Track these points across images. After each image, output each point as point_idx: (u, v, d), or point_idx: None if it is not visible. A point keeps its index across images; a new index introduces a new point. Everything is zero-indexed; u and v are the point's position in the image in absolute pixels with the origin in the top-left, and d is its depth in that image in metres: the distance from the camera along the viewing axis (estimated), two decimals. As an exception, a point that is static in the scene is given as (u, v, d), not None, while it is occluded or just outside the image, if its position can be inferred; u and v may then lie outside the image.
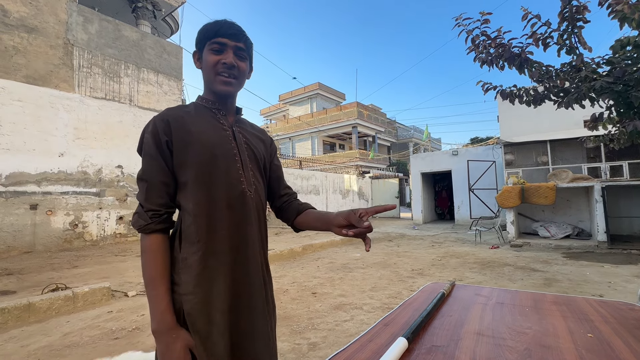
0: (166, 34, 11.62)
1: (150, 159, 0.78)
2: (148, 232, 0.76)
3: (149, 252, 0.75)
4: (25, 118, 6.22)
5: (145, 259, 0.75)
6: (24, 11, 6.35)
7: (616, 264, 4.97)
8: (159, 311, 0.72)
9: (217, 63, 0.84)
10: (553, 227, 7.42)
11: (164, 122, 0.79)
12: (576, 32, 2.24)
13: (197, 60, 0.89)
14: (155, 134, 0.78)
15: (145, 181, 0.78)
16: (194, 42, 0.89)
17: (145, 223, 0.75)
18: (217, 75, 0.84)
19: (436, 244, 7.49)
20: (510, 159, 10.10)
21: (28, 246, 6.04)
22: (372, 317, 2.89)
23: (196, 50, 0.89)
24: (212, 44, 0.84)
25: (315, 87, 27.71)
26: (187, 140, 0.80)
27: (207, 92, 0.90)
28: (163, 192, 0.78)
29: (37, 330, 2.66)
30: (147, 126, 0.81)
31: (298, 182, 13.37)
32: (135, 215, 0.77)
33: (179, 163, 0.79)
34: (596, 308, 0.92)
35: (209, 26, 0.86)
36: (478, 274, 4.48)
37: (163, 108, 8.91)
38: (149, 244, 0.76)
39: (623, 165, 8.19)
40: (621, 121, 2.68)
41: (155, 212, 0.76)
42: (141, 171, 0.79)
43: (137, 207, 0.79)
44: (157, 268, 0.75)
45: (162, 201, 0.78)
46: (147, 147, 0.79)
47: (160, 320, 0.72)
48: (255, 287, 0.84)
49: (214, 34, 0.84)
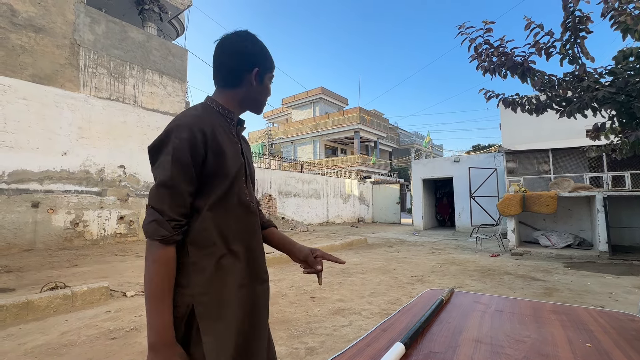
0: (172, 36, 11.72)
1: (182, 166, 0.74)
2: (167, 244, 0.73)
3: (162, 264, 0.72)
4: (30, 116, 6.26)
5: (156, 270, 0.72)
6: (32, 11, 6.43)
7: (617, 274, 4.94)
8: (163, 324, 0.70)
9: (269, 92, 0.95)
10: (554, 236, 7.38)
11: (201, 133, 0.78)
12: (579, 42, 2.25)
13: (255, 78, 0.90)
14: (193, 143, 0.76)
15: (170, 188, 0.73)
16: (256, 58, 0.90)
17: (168, 234, 0.72)
18: (264, 102, 0.95)
19: (436, 250, 7.46)
20: (512, 166, 10.09)
21: (28, 244, 6.05)
22: (371, 322, 2.87)
23: (259, 70, 0.90)
24: (271, 75, 0.95)
25: (318, 91, 27.84)
26: (219, 153, 0.81)
27: (233, 103, 0.91)
28: (187, 202, 0.76)
29: (35, 329, 2.65)
30: (178, 130, 0.76)
31: (299, 186, 13.38)
32: (154, 222, 0.72)
33: (207, 173, 0.79)
34: (596, 318, 0.92)
35: (271, 58, 0.95)
36: (478, 281, 4.45)
37: (167, 109, 8.93)
38: (164, 255, 0.72)
39: (625, 175, 8.17)
40: (623, 131, 2.68)
41: (178, 222, 0.74)
42: (167, 176, 0.73)
43: (150, 212, 0.73)
44: (169, 281, 0.73)
45: (184, 211, 0.76)
46: (180, 154, 0.74)
47: (163, 333, 0.70)
48: (262, 290, 0.89)
49: (273, 67, 0.95)
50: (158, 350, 0.69)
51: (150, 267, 0.72)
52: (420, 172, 13.44)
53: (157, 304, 0.71)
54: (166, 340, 0.70)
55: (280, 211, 12.35)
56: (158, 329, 0.70)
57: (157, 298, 0.71)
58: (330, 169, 20.12)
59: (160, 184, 0.74)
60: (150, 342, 0.70)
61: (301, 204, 13.43)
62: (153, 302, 0.71)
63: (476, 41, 2.55)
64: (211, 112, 0.86)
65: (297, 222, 12.24)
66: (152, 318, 0.70)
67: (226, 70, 0.89)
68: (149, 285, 0.71)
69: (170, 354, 0.70)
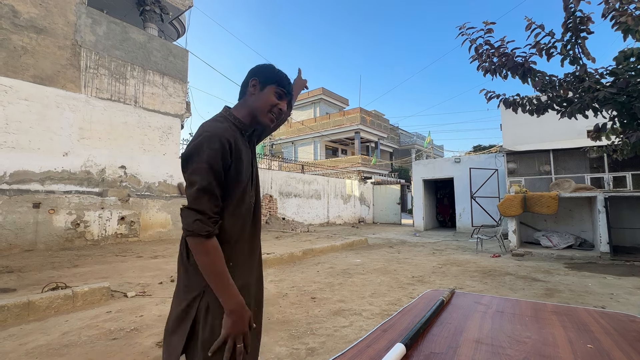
0: (173, 37, 11.75)
1: (216, 173, 0.89)
2: (210, 237, 0.87)
3: (214, 251, 0.87)
4: (32, 117, 6.28)
5: (212, 258, 0.87)
6: (34, 12, 6.45)
7: (619, 275, 4.92)
8: (235, 293, 0.88)
9: (275, 105, 1.05)
10: (555, 237, 7.37)
11: (229, 144, 0.92)
12: (580, 42, 2.25)
13: (254, 87, 1.06)
14: (224, 153, 0.90)
15: (208, 192, 0.88)
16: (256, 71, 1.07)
17: (211, 229, 0.87)
18: (269, 112, 1.05)
19: (437, 251, 7.45)
20: (513, 167, 10.08)
21: (30, 244, 6.06)
22: (371, 323, 2.87)
23: (257, 80, 1.05)
24: (278, 89, 1.05)
25: (319, 92, 27.85)
26: (240, 161, 0.96)
27: (244, 114, 1.06)
28: (220, 202, 0.92)
29: (36, 329, 2.66)
30: (211, 141, 0.90)
31: (300, 187, 13.38)
32: (198, 221, 0.86)
33: (229, 179, 0.94)
34: (597, 319, 0.91)
35: (280, 74, 1.07)
36: (479, 282, 4.45)
37: (168, 110, 8.96)
38: (213, 246, 0.87)
39: (626, 176, 8.15)
40: (624, 132, 2.68)
41: (215, 219, 0.90)
42: (205, 181, 0.88)
43: (191, 213, 0.87)
44: (223, 262, 0.88)
45: (218, 210, 0.91)
46: (213, 162, 0.89)
47: (238, 299, 0.88)
48: (259, 273, 1.13)
49: (283, 84, 1.06)
50: (240, 311, 0.88)
51: (205, 258, 0.87)
52: (420, 172, 13.43)
53: (224, 281, 0.87)
54: (241, 304, 0.88)
55: (280, 212, 12.35)
56: (234, 297, 0.88)
57: (223, 276, 0.87)
58: (331, 169, 20.12)
59: (200, 188, 0.88)
60: (231, 309, 0.87)
61: (302, 205, 13.43)
62: (222, 281, 0.87)
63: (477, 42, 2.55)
64: (229, 124, 1.01)
65: (298, 223, 12.24)
66: (226, 292, 0.87)
67: (240, 87, 1.10)
68: (212, 271, 0.87)
69: (242, 312, 0.88)
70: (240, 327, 0.87)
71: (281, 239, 8.50)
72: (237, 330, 0.86)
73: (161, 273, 4.53)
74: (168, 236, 8.28)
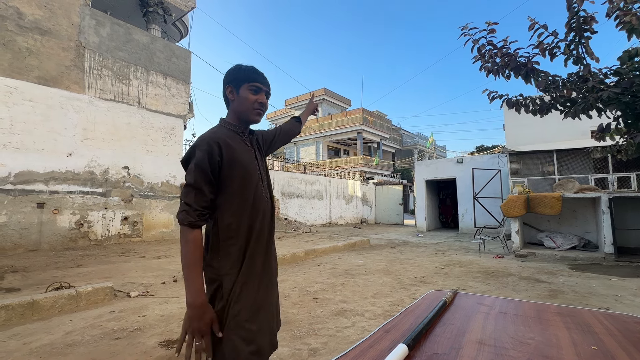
0: (176, 38, 11.80)
1: (202, 171, 0.99)
2: (194, 227, 0.96)
3: (192, 242, 0.95)
4: (36, 118, 6.33)
5: (188, 248, 0.95)
6: (39, 14, 6.50)
7: (623, 276, 4.88)
8: (195, 288, 0.93)
9: (255, 101, 1.12)
10: (559, 238, 7.32)
11: (217, 144, 1.02)
12: (583, 42, 2.24)
13: (231, 93, 1.14)
14: (210, 153, 1.00)
15: (195, 188, 0.98)
16: (227, 78, 1.14)
17: (194, 220, 0.96)
18: (253, 109, 1.13)
19: (439, 252, 7.43)
20: (516, 167, 10.03)
21: (34, 244, 6.10)
22: (374, 324, 2.86)
23: (231, 86, 1.13)
24: (251, 86, 1.12)
25: (321, 92, 27.85)
26: (233, 159, 1.04)
27: (234, 118, 1.15)
28: (207, 197, 1.00)
29: (40, 328, 2.67)
30: (200, 144, 1.01)
31: (302, 187, 13.39)
32: (184, 212, 0.96)
33: (225, 176, 1.02)
34: (601, 320, 0.91)
35: (247, 71, 1.13)
36: (482, 283, 4.43)
37: (171, 111, 9.01)
38: (193, 236, 0.96)
39: (631, 176, 8.09)
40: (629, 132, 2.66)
41: (201, 212, 0.98)
42: (192, 179, 0.98)
43: (181, 206, 0.98)
44: (198, 255, 0.96)
45: (205, 204, 1.00)
46: (200, 162, 0.99)
47: (196, 295, 0.93)
48: (274, 269, 1.15)
49: (252, 78, 1.12)
50: (194, 307, 0.92)
51: (184, 245, 0.95)
52: (423, 173, 13.39)
53: (191, 272, 0.94)
54: (200, 300, 0.93)
55: (283, 212, 12.36)
56: (193, 291, 0.93)
57: (191, 267, 0.94)
58: (333, 170, 20.11)
59: (187, 184, 1.00)
60: (188, 301, 0.92)
61: (304, 205, 13.43)
62: (188, 271, 0.94)
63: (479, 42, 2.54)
64: (224, 129, 1.11)
65: (300, 223, 12.25)
66: (189, 283, 0.93)
67: (223, 98, 1.19)
68: (185, 259, 0.95)
69: (202, 310, 0.93)
70: (195, 324, 0.91)
71: (283, 239, 8.50)
72: (192, 326, 0.91)
73: (164, 273, 4.55)
74: (171, 236, 8.31)
